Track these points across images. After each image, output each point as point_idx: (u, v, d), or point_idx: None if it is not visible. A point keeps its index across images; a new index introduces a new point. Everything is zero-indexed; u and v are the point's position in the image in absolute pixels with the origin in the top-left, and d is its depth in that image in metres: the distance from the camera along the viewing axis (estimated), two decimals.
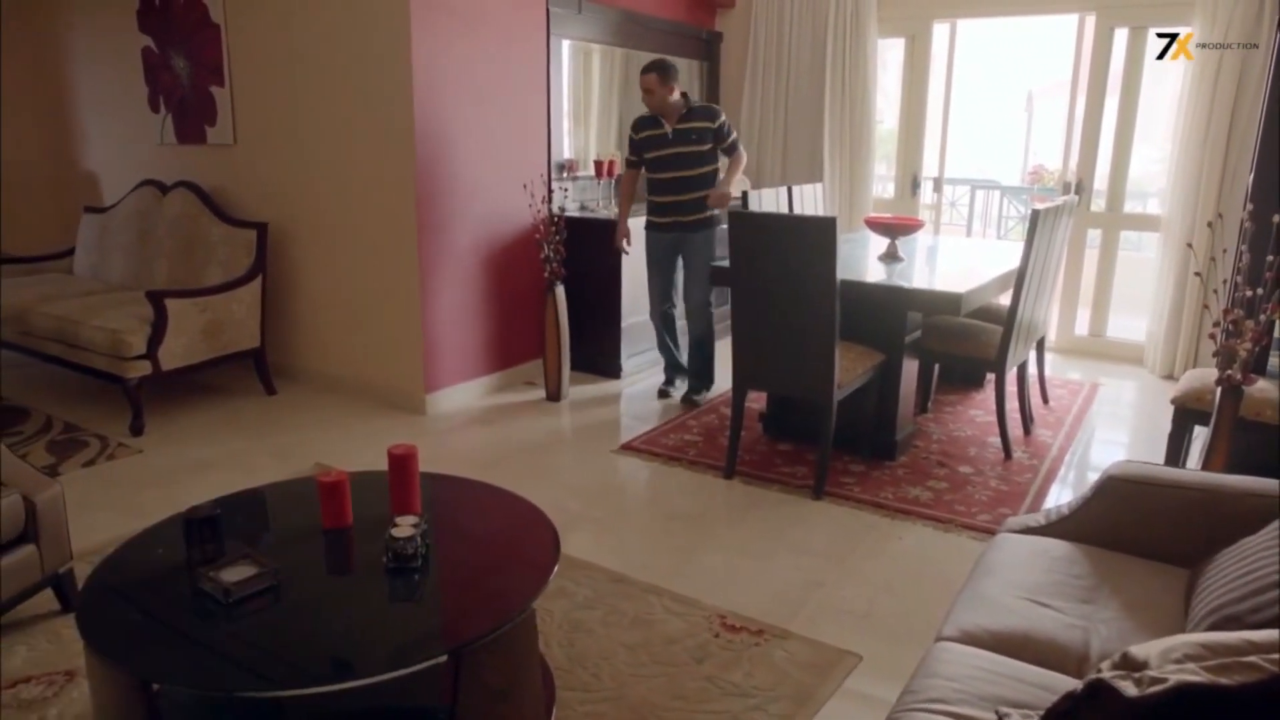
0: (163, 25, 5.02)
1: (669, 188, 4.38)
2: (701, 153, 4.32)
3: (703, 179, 4.36)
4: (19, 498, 2.40)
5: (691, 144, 4.30)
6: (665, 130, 4.31)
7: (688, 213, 4.39)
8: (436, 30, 4.07)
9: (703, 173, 4.36)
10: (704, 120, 4.31)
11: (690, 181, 4.35)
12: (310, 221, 4.62)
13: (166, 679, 1.64)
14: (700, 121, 4.31)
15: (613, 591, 2.76)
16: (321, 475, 2.15)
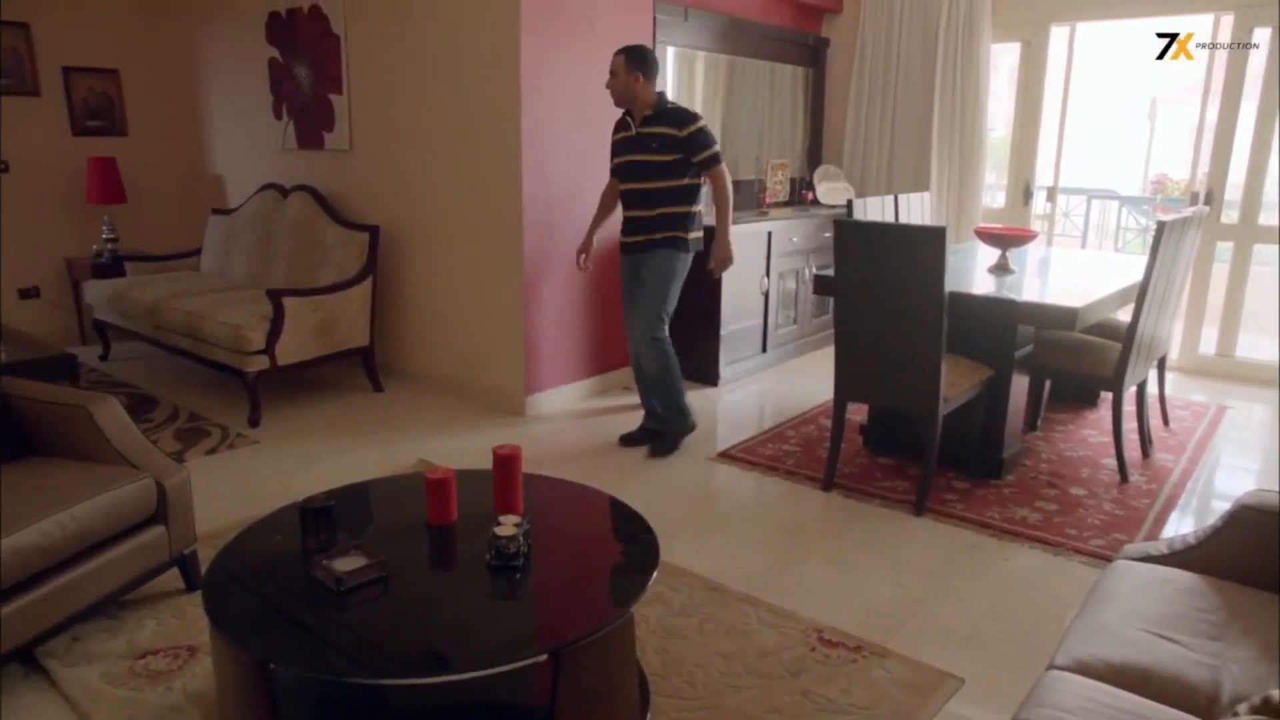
0: (288, 37, 5.27)
1: (627, 200, 3.88)
2: (661, 164, 3.72)
3: (662, 195, 3.76)
4: (151, 481, 2.54)
5: (651, 152, 3.72)
6: (632, 132, 3.79)
7: (644, 231, 3.83)
8: (544, 38, 4.15)
9: (662, 188, 3.75)
10: (668, 126, 3.69)
11: (647, 196, 3.78)
12: (419, 225, 4.77)
13: (283, 660, 1.71)
14: (663, 127, 3.70)
15: (708, 599, 2.75)
16: (429, 472, 2.21)
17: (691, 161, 3.73)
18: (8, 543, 2.13)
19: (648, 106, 3.74)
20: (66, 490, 2.36)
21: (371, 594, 1.90)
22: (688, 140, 3.69)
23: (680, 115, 3.72)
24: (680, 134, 3.69)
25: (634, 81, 3.69)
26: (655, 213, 3.79)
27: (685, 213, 3.82)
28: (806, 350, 5.72)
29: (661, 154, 3.71)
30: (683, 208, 3.80)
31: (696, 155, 3.71)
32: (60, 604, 2.31)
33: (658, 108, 3.74)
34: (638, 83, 3.69)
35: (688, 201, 3.81)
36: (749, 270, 5.03)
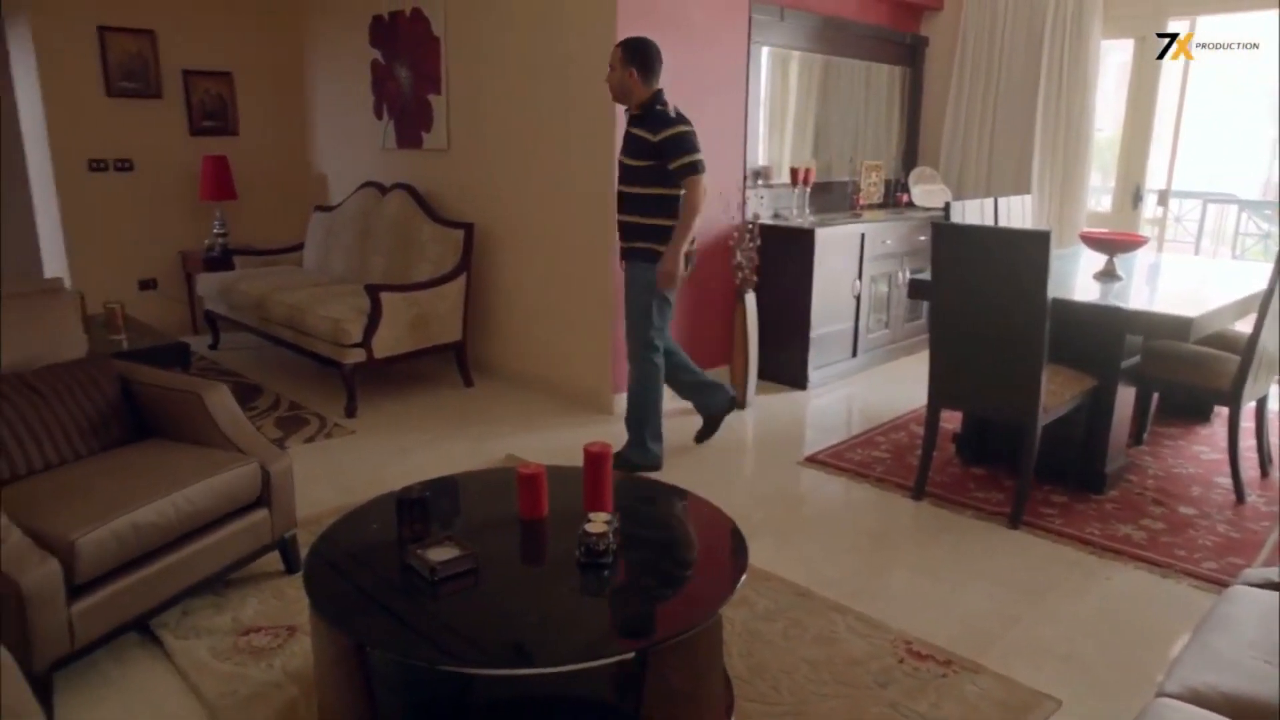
0: (391, 39, 5.42)
1: (617, 203, 3.66)
2: (635, 168, 3.50)
3: (638, 202, 3.52)
4: (257, 466, 2.65)
5: (629, 155, 3.52)
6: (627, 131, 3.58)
7: (625, 237, 3.61)
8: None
9: (638, 194, 3.52)
10: (644, 129, 3.45)
11: (627, 201, 3.57)
12: (513, 223, 4.85)
13: (379, 645, 1.76)
14: (641, 129, 3.47)
15: (794, 605, 2.72)
16: (521, 467, 2.24)
17: (668, 169, 3.43)
18: (129, 519, 2.25)
19: (638, 105, 3.50)
20: (181, 472, 2.48)
21: (463, 585, 1.94)
22: (659, 146, 3.41)
23: (657, 119, 3.44)
24: (653, 139, 3.43)
25: (629, 76, 3.45)
26: (631, 219, 3.58)
27: (657, 225, 3.50)
28: (897, 355, 5.60)
29: (635, 158, 3.49)
30: (656, 219, 3.50)
31: (671, 162, 3.41)
32: (173, 579, 2.43)
33: (645, 108, 3.48)
34: (632, 78, 3.45)
35: (662, 213, 3.49)
36: (840, 273, 4.95)
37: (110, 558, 2.23)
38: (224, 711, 2.20)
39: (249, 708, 2.22)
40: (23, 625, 2.02)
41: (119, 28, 5.63)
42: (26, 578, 2.02)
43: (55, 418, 2.56)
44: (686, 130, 3.43)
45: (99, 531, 2.18)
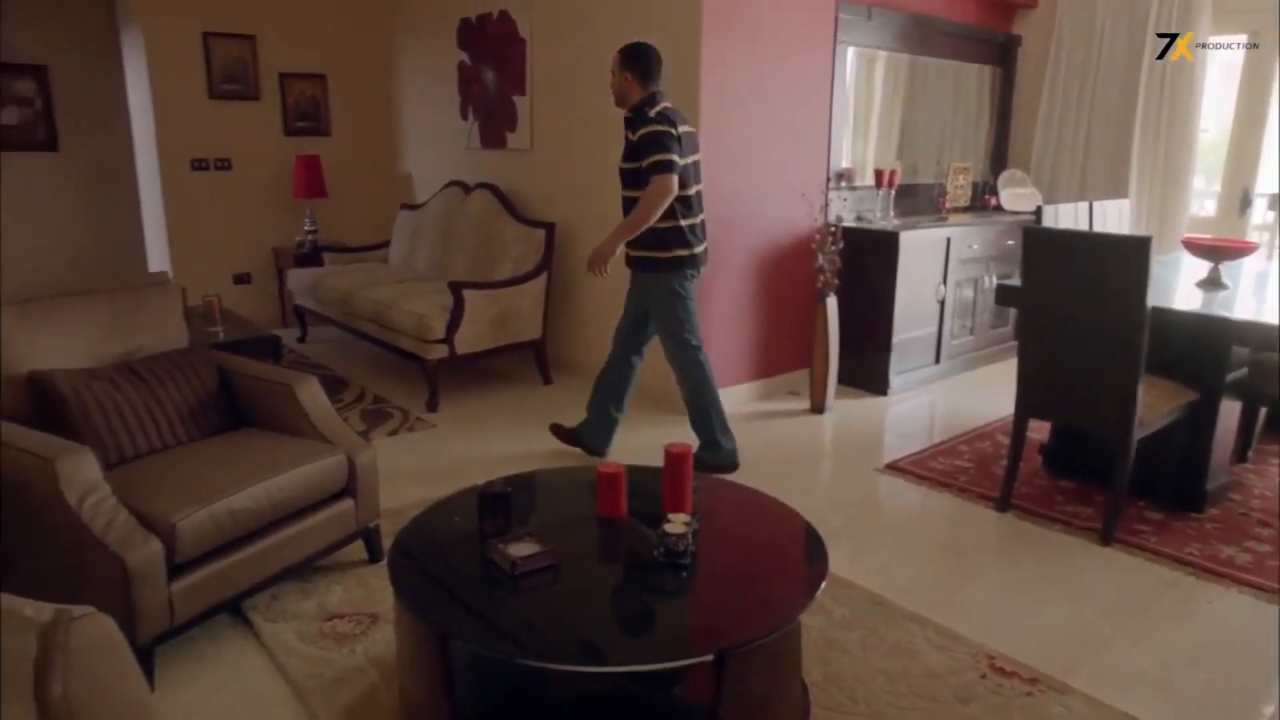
0: (477, 41, 5.52)
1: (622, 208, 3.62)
2: (626, 171, 3.47)
3: (632, 206, 3.47)
4: (344, 457, 2.72)
5: (622, 158, 3.49)
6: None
7: (629, 245, 3.54)
8: (726, 38, 4.15)
9: (631, 197, 3.48)
10: (630, 130, 3.42)
11: (625, 205, 3.53)
12: (594, 223, 4.87)
13: (460, 636, 1.79)
14: (628, 131, 3.43)
15: (872, 614, 2.67)
16: (601, 466, 2.25)
17: (643, 170, 3.36)
18: (226, 504, 2.34)
19: (630, 108, 3.46)
20: (273, 460, 2.56)
21: (542, 580, 1.95)
22: (638, 146, 3.36)
23: (639, 119, 3.39)
24: (634, 138, 3.39)
25: (625, 80, 3.44)
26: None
27: (656, 228, 3.44)
28: (982, 362, 5.46)
29: (626, 161, 3.47)
30: (656, 222, 3.43)
31: (644, 162, 3.34)
32: (264, 564, 2.52)
33: (635, 110, 3.43)
34: (628, 81, 3.43)
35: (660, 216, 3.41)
36: (924, 277, 4.85)
37: (207, 540, 2.32)
38: (309, 693, 2.27)
39: (332, 691, 2.28)
40: (128, 601, 2.12)
41: (222, 33, 5.86)
42: (132, 556, 2.12)
43: (159, 405, 2.67)
44: (660, 130, 3.34)
45: (198, 514, 2.28)
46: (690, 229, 3.52)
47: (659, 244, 3.49)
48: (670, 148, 3.33)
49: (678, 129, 3.37)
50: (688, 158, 3.44)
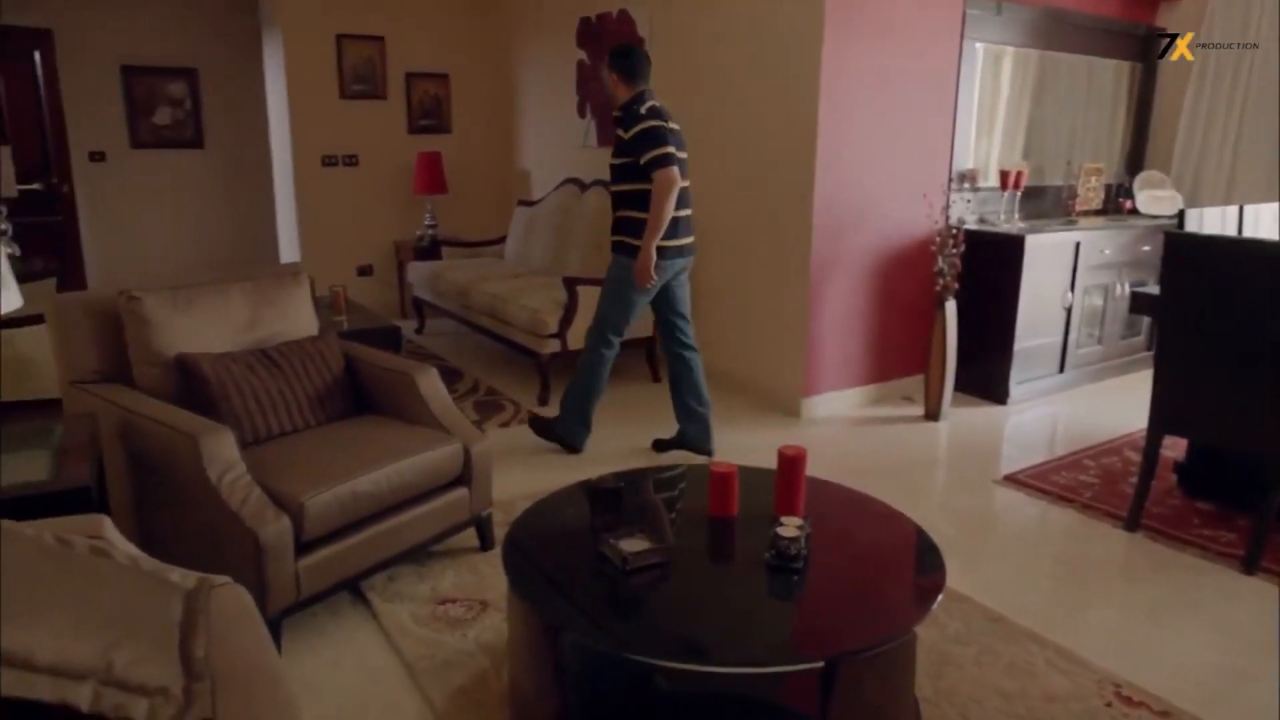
0: (596, 40, 5.58)
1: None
2: (616, 166, 3.62)
3: (618, 198, 3.66)
4: (460, 446, 2.80)
5: (613, 154, 3.64)
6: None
7: (611, 233, 3.75)
8: (848, 36, 4.07)
9: (618, 190, 3.65)
10: (620, 128, 3.56)
11: (613, 199, 3.71)
12: (709, 223, 4.86)
13: (571, 628, 1.81)
14: (619, 129, 3.57)
15: (987, 630, 2.58)
16: (714, 465, 2.24)
17: (639, 165, 3.48)
18: (350, 486, 2.44)
19: (619, 107, 3.60)
20: (394, 447, 2.65)
21: (653, 577, 1.96)
22: (631, 143, 3.50)
23: (630, 117, 3.52)
24: (625, 136, 3.52)
25: (611, 80, 3.60)
26: (615, 216, 3.69)
27: (630, 218, 3.60)
28: (1110, 374, 5.19)
29: (616, 156, 3.60)
30: (633, 213, 3.59)
31: (642, 158, 3.47)
32: (382, 546, 2.61)
33: (624, 108, 3.57)
34: (613, 82, 3.60)
35: (635, 207, 3.57)
36: (1050, 283, 4.64)
37: (332, 520, 2.42)
38: (422, 674, 2.34)
39: (444, 673, 2.34)
40: (260, 574, 2.23)
41: (355, 35, 6.12)
42: (264, 531, 2.23)
43: (290, 389, 2.81)
44: (654, 125, 3.46)
45: (324, 495, 2.38)
46: (674, 222, 3.60)
47: (633, 231, 3.61)
48: (666, 141, 3.48)
49: (669, 122, 3.53)
50: (679, 152, 3.57)
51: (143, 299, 2.68)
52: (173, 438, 2.33)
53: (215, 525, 2.28)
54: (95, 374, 2.73)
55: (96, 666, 1.36)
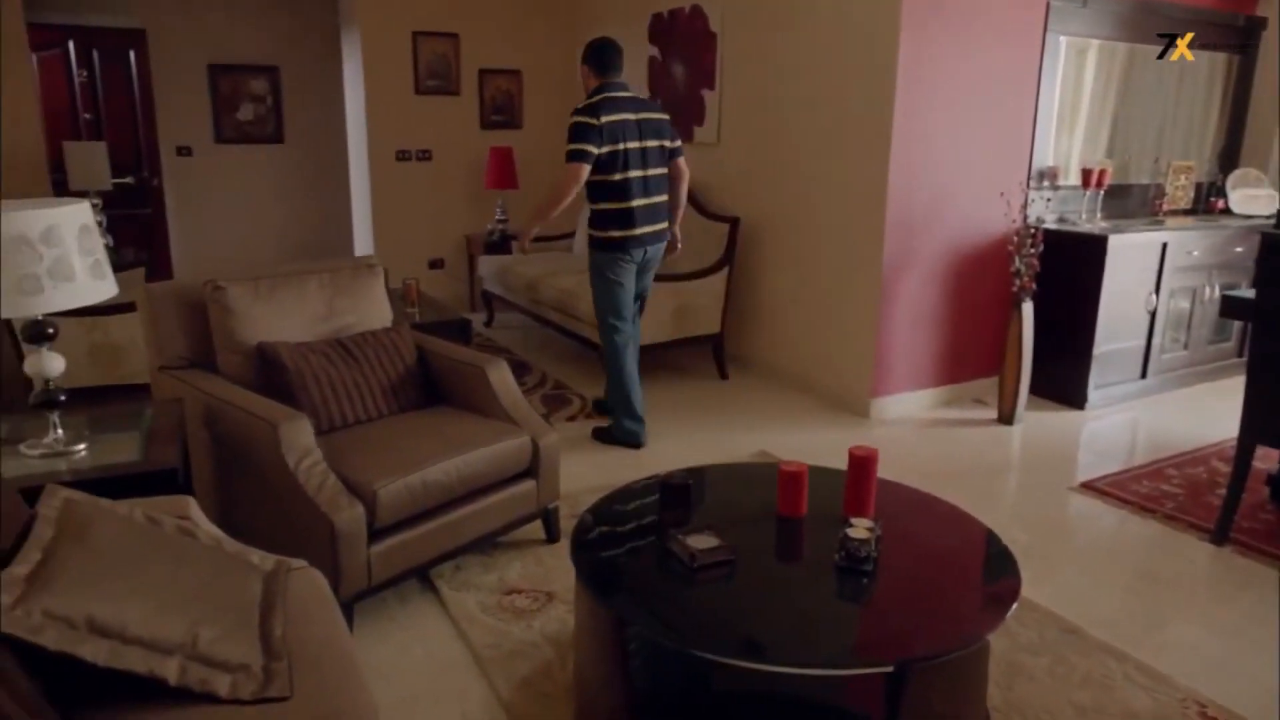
0: (668, 36, 5.57)
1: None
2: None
3: (587, 191, 3.75)
4: (529, 439, 2.82)
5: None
6: None
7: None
8: (925, 31, 3.99)
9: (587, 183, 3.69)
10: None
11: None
12: (778, 218, 4.82)
13: (637, 622, 1.81)
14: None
15: (1062, 641, 2.50)
16: (784, 464, 2.22)
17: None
18: (420, 475, 2.48)
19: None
20: (464, 438, 2.69)
21: (720, 574, 1.95)
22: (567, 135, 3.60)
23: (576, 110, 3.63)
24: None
25: (584, 73, 3.75)
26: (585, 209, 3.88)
27: (597, 211, 3.75)
28: (1196, 380, 4.98)
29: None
30: (597, 205, 3.74)
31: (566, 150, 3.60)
32: (450, 535, 2.65)
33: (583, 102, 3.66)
34: (585, 74, 3.74)
35: (592, 199, 3.74)
36: (1133, 285, 4.48)
37: (403, 508, 2.47)
38: (488, 662, 2.37)
39: (510, 662, 2.37)
40: (334, 559, 2.29)
41: (430, 32, 6.22)
42: (339, 517, 2.29)
43: (365, 379, 2.87)
44: (577, 120, 3.58)
45: (396, 484, 2.43)
46: (623, 212, 3.68)
47: (595, 224, 3.78)
48: (584, 137, 3.54)
49: (600, 119, 3.55)
50: (622, 144, 3.61)
51: (227, 289, 2.77)
52: (253, 424, 2.40)
53: (292, 510, 2.34)
54: (182, 360, 2.83)
55: (183, 641, 1.41)
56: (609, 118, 3.58)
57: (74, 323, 3.49)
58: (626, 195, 3.67)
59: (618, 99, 3.66)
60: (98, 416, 2.48)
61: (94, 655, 1.32)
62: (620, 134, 3.61)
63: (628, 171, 3.65)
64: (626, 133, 3.62)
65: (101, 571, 1.46)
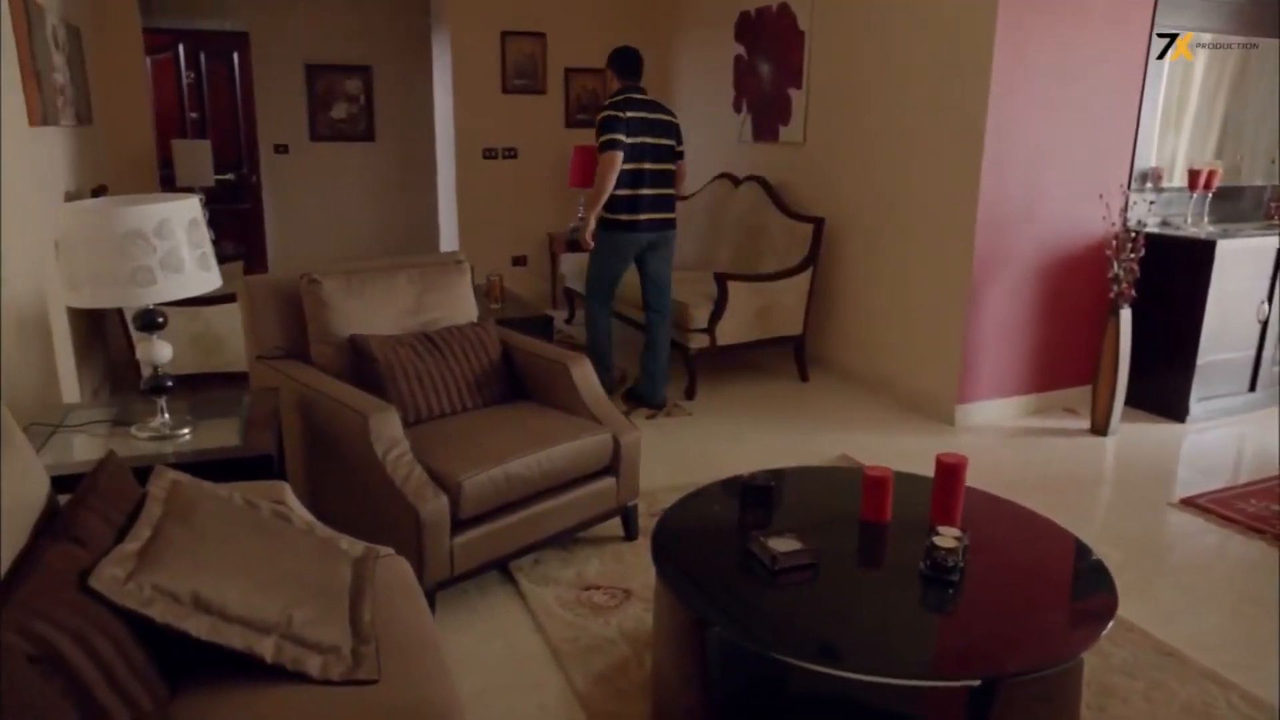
0: (755, 35, 5.53)
1: None
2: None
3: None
4: (610, 436, 2.84)
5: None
6: None
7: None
8: (1023, 22, 3.86)
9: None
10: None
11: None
12: (864, 220, 4.74)
13: (718, 623, 1.80)
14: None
15: (1158, 664, 2.40)
16: (869, 469, 2.18)
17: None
18: (504, 469, 2.52)
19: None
20: (547, 433, 2.72)
21: (802, 578, 1.93)
22: (597, 129, 4.06)
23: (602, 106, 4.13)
24: (595, 122, 4.11)
25: (607, 77, 4.32)
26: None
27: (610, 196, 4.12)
28: None
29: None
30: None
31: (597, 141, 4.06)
32: (531, 529, 2.68)
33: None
34: (609, 78, 4.29)
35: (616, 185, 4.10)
36: (1243, 292, 4.26)
37: (486, 501, 2.51)
38: (566, 656, 2.39)
39: (587, 657, 2.39)
40: (418, 548, 2.34)
41: (518, 32, 6.31)
42: (424, 508, 2.34)
43: (451, 372, 2.92)
44: (606, 114, 4.04)
45: (481, 476, 2.47)
46: (632, 199, 4.12)
47: (607, 208, 4.14)
48: (614, 129, 4.00)
49: (625, 113, 4.01)
50: (640, 139, 4.06)
51: (322, 282, 2.85)
52: (344, 414, 2.47)
53: (379, 498, 2.40)
54: (278, 350, 2.93)
55: (279, 621, 1.46)
56: (632, 114, 4.04)
57: (177, 313, 3.66)
58: (638, 184, 4.11)
59: (637, 99, 4.11)
60: (199, 402, 2.59)
61: (198, 630, 1.37)
62: (639, 129, 4.07)
63: (641, 163, 4.10)
64: (643, 129, 4.08)
65: (204, 551, 1.53)
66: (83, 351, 3.64)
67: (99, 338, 4.16)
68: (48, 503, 1.56)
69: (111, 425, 2.40)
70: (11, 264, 2.65)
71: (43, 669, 1.14)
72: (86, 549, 1.40)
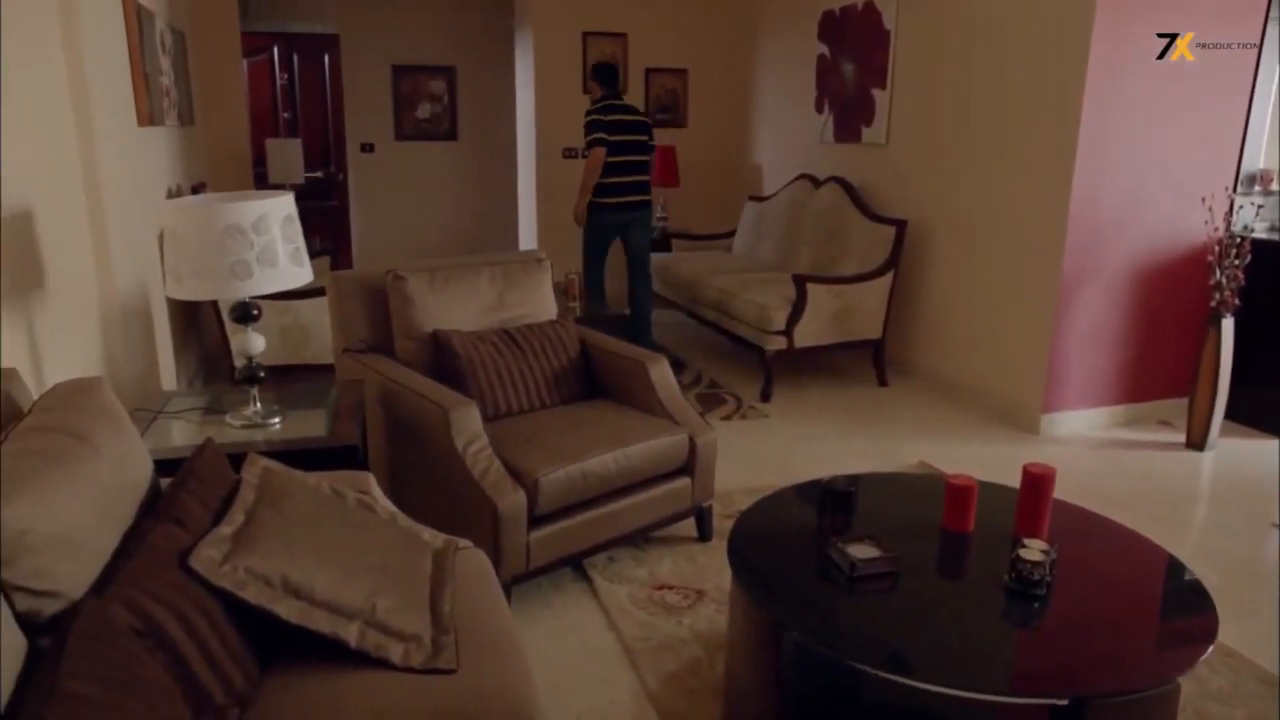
0: (838, 34, 5.46)
1: None
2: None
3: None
4: (686, 436, 2.83)
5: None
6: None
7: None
8: (1122, 17, 3.72)
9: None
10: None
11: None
12: (949, 223, 4.63)
13: (795, 628, 1.78)
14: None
15: (1260, 693, 2.28)
16: (952, 478, 2.13)
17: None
18: (580, 466, 2.54)
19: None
20: (624, 432, 2.73)
21: (881, 585, 1.89)
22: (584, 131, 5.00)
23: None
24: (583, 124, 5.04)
25: (591, 86, 5.20)
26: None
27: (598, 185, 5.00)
28: None
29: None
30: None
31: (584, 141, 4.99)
32: (606, 527, 2.70)
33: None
34: (593, 87, 5.16)
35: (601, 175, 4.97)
36: None
37: (562, 497, 2.53)
38: (638, 654, 2.40)
39: (659, 656, 2.39)
40: (495, 541, 2.37)
41: (599, 32, 6.35)
42: (503, 502, 2.37)
43: (530, 370, 2.96)
44: (593, 119, 4.96)
45: (558, 473, 2.49)
46: (611, 186, 5.00)
47: (594, 192, 5.02)
48: (598, 129, 4.91)
49: (607, 117, 4.94)
50: (618, 137, 4.92)
51: (407, 279, 2.92)
52: (426, 407, 2.52)
53: (458, 492, 2.45)
54: (363, 344, 3.01)
55: (364, 608, 1.50)
56: (612, 117, 4.95)
57: (267, 305, 3.79)
58: (618, 174, 4.98)
59: (616, 105, 5.03)
60: (288, 393, 2.68)
61: (287, 613, 1.42)
62: (618, 129, 4.94)
63: (620, 157, 4.95)
64: (621, 129, 4.95)
65: (294, 536, 1.58)
66: (179, 342, 3.80)
67: (194, 329, 4.34)
68: (151, 484, 1.63)
69: (206, 412, 2.50)
70: (119, 258, 2.78)
71: (147, 643, 1.19)
72: (187, 530, 1.46)
